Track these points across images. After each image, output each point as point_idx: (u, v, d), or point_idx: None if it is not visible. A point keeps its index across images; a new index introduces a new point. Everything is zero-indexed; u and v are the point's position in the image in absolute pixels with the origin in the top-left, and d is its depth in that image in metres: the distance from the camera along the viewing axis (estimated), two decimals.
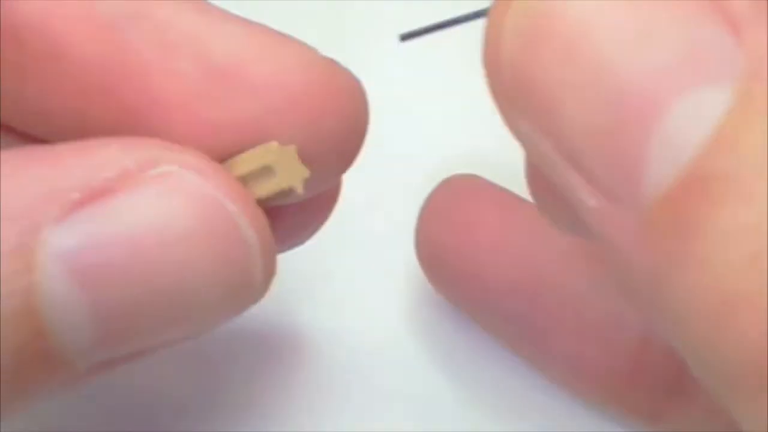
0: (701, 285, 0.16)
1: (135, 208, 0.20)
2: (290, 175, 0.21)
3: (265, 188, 0.21)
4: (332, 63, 0.22)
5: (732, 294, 0.16)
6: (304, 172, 0.21)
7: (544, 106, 0.17)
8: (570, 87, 0.17)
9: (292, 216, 0.24)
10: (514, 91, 0.18)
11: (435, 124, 0.32)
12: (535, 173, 0.21)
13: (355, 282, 0.32)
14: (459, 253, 0.25)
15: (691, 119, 0.16)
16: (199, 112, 0.21)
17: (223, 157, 0.22)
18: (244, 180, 0.21)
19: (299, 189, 0.21)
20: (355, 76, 0.23)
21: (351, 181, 0.25)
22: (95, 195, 0.20)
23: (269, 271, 0.21)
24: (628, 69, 0.16)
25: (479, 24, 0.19)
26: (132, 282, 0.20)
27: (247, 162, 0.21)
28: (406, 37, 0.21)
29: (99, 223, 0.20)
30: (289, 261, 0.25)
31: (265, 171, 0.21)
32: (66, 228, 0.19)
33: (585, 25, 0.17)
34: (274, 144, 0.21)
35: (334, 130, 0.22)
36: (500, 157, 0.26)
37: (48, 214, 0.19)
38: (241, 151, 0.22)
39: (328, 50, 0.23)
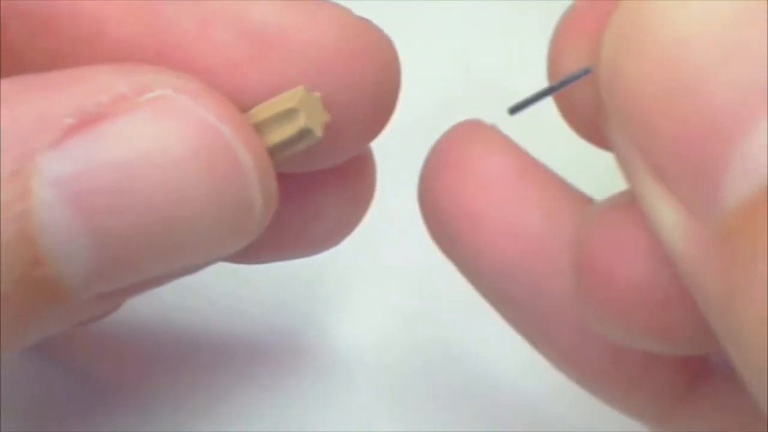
0: (760, 308, 0.16)
1: (129, 133, 0.20)
2: (311, 118, 0.21)
3: (287, 130, 0.21)
4: (366, 22, 0.22)
5: None
6: (325, 117, 0.21)
7: (635, 114, 0.18)
8: (663, 96, 0.17)
9: (331, 211, 0.25)
10: (608, 97, 0.18)
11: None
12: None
13: (354, 282, 0.32)
14: (463, 214, 0.24)
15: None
16: (241, 79, 0.21)
17: None
18: (268, 123, 0.21)
19: (318, 132, 0.21)
20: (387, 35, 0.23)
21: None
22: (89, 120, 0.20)
23: (268, 197, 0.21)
24: (720, 83, 0.17)
25: None
26: (128, 207, 0.20)
27: (272, 106, 0.21)
28: (515, 110, 0.21)
29: (93, 149, 0.19)
30: (288, 261, 0.26)
31: (289, 114, 0.21)
32: (60, 154, 0.19)
33: (682, 36, 0.17)
34: (300, 88, 0.21)
35: (370, 87, 0.22)
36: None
37: (41, 141, 0.19)
38: None
39: None
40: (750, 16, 0.17)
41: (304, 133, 0.21)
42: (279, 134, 0.21)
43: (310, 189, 0.24)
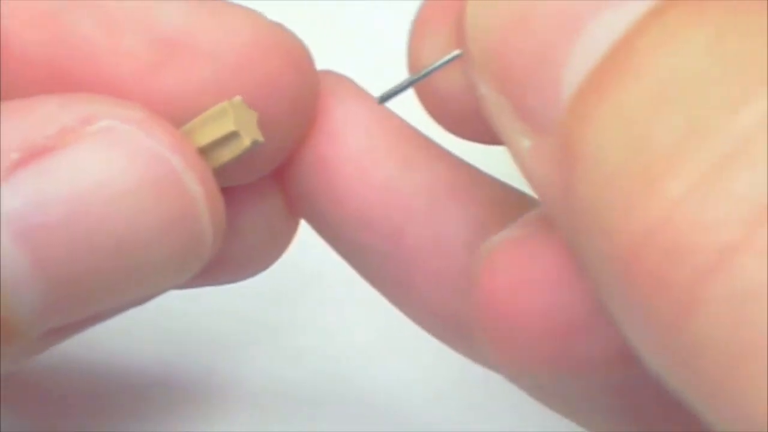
0: (586, 173, 0.16)
1: (76, 166, 0.19)
2: (246, 129, 0.21)
3: (231, 151, 0.21)
4: (277, 24, 0.22)
5: (606, 175, 0.16)
6: (254, 116, 0.21)
7: (495, 54, 0.18)
8: (513, 24, 0.18)
9: (252, 230, 0.24)
10: (475, 52, 0.18)
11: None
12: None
13: (353, 282, 0.31)
14: (319, 165, 0.23)
15: (604, 31, 0.17)
16: (153, 85, 0.21)
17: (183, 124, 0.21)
18: (210, 147, 0.21)
19: (259, 137, 0.21)
20: (299, 38, 0.22)
21: None
22: (35, 154, 0.19)
23: (217, 224, 0.21)
24: (548, 5, 0.17)
25: None
26: (78, 241, 0.19)
27: (205, 123, 0.21)
28: (384, 98, 0.22)
29: (40, 183, 0.19)
30: (287, 261, 0.25)
31: (230, 136, 0.21)
32: (7, 189, 0.19)
33: None
34: (226, 103, 0.21)
35: (284, 88, 0.22)
36: None
37: None
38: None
39: None
40: None
41: (247, 150, 0.21)
42: (224, 155, 0.21)
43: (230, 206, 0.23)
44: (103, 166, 0.19)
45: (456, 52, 0.20)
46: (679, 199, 0.15)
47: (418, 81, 0.21)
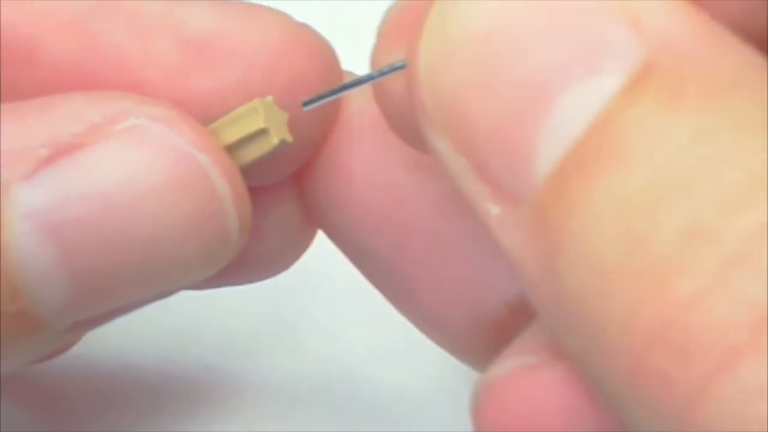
0: (576, 262, 0.16)
1: (104, 163, 0.19)
2: (276, 128, 0.21)
3: (260, 148, 0.21)
4: (305, 26, 0.22)
5: (603, 270, 0.16)
6: (284, 116, 0.21)
7: (451, 110, 0.18)
8: (476, 88, 0.17)
9: (276, 229, 0.24)
10: (431, 107, 0.18)
11: None
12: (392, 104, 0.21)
13: (354, 282, 0.31)
14: (327, 176, 0.24)
15: (577, 108, 0.17)
16: (182, 87, 0.21)
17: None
18: (238, 144, 0.21)
19: (288, 137, 0.21)
20: (325, 38, 0.23)
21: None
22: (63, 150, 0.19)
23: (243, 222, 0.21)
24: (524, 65, 0.17)
25: None
26: (104, 237, 0.19)
27: (235, 121, 0.21)
28: (308, 103, 0.21)
29: (68, 180, 0.19)
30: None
31: (259, 134, 0.21)
32: (35, 185, 0.19)
33: (488, 28, 0.17)
34: (257, 101, 0.21)
35: (313, 90, 0.22)
36: None
37: (16, 172, 0.19)
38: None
39: None
40: (541, 6, 0.17)
41: (275, 149, 0.21)
42: (251, 153, 0.21)
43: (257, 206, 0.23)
44: (131, 163, 0.20)
45: (399, 63, 0.20)
46: (688, 302, 0.15)
47: (349, 89, 0.21)
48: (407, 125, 0.20)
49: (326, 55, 0.22)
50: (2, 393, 0.29)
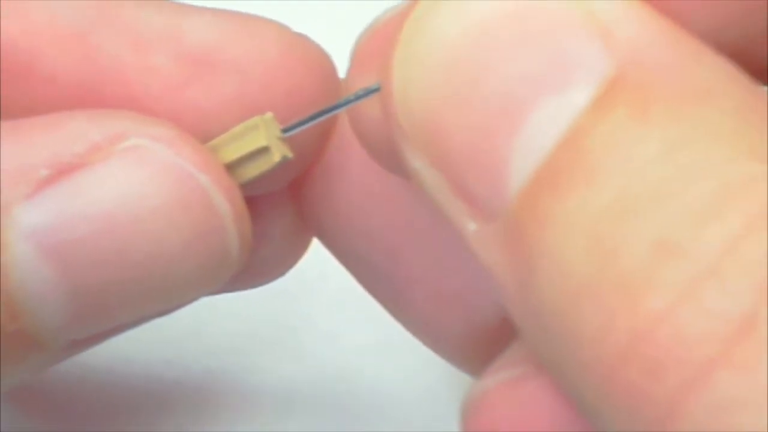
0: (549, 276, 0.16)
1: (105, 183, 0.19)
2: (276, 144, 0.21)
3: (261, 166, 0.21)
4: (303, 37, 0.22)
5: (575, 284, 0.16)
6: (280, 133, 0.21)
7: (430, 130, 0.18)
8: (449, 104, 0.17)
9: (276, 236, 0.24)
10: (406, 125, 0.18)
11: None
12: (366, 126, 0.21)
13: (354, 284, 0.31)
14: (323, 185, 0.24)
15: (548, 123, 0.17)
16: (181, 101, 0.21)
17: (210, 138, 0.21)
18: (239, 162, 0.21)
19: (288, 153, 0.21)
20: (324, 50, 0.23)
21: None
22: (64, 170, 0.19)
23: (244, 240, 0.21)
24: (495, 80, 0.17)
25: None
26: (104, 257, 0.19)
27: (235, 139, 0.21)
28: (288, 129, 0.21)
29: (69, 199, 0.19)
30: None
31: (260, 151, 0.21)
32: (36, 205, 0.19)
33: (458, 44, 0.17)
34: (257, 118, 0.21)
35: (311, 102, 0.22)
36: None
37: (17, 192, 0.19)
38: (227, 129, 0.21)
39: None
40: (510, 21, 0.17)
41: (276, 165, 0.21)
42: (252, 170, 0.21)
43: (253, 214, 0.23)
44: (132, 184, 0.20)
45: (372, 87, 0.20)
46: (659, 316, 0.15)
47: (326, 115, 0.21)
48: (384, 149, 0.20)
49: (324, 66, 0.22)
50: (2, 396, 0.29)
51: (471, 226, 0.18)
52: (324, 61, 0.22)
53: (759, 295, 0.15)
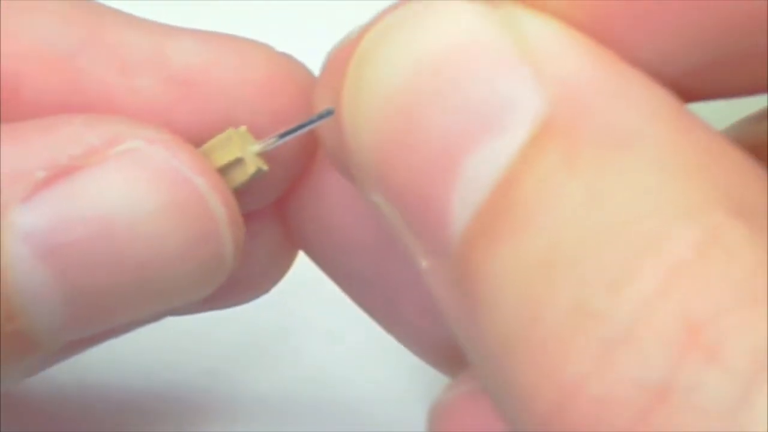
0: (487, 323, 0.16)
1: (101, 186, 0.20)
2: (251, 157, 0.21)
3: (238, 177, 0.21)
4: (288, 57, 0.22)
5: (509, 336, 0.16)
6: (257, 146, 0.21)
7: (379, 168, 0.18)
8: (393, 145, 0.17)
9: (260, 254, 0.24)
10: (358, 159, 0.18)
11: None
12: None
13: None
14: (308, 200, 0.24)
15: (483, 167, 0.16)
16: (168, 122, 0.21)
17: None
18: (222, 171, 0.21)
19: (263, 165, 0.21)
20: (308, 68, 0.23)
21: None
22: (61, 173, 0.19)
23: (237, 244, 0.21)
24: (433, 121, 0.17)
25: None
26: (101, 260, 0.20)
27: (215, 153, 0.21)
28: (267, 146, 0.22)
29: (65, 202, 0.19)
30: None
31: (236, 162, 0.21)
32: (32, 208, 0.19)
33: (395, 89, 0.17)
34: (230, 131, 0.21)
35: (296, 119, 0.22)
36: None
37: (13, 194, 0.19)
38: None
39: None
40: (445, 63, 0.17)
41: (252, 177, 0.21)
42: (231, 181, 0.21)
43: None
44: (128, 186, 0.20)
45: (326, 110, 0.20)
46: (580, 381, 0.15)
47: (285, 138, 0.21)
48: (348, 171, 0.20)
49: (309, 87, 0.22)
50: (1, 397, 0.29)
51: (423, 263, 0.18)
52: (308, 81, 0.22)
53: (675, 359, 0.15)
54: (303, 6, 0.34)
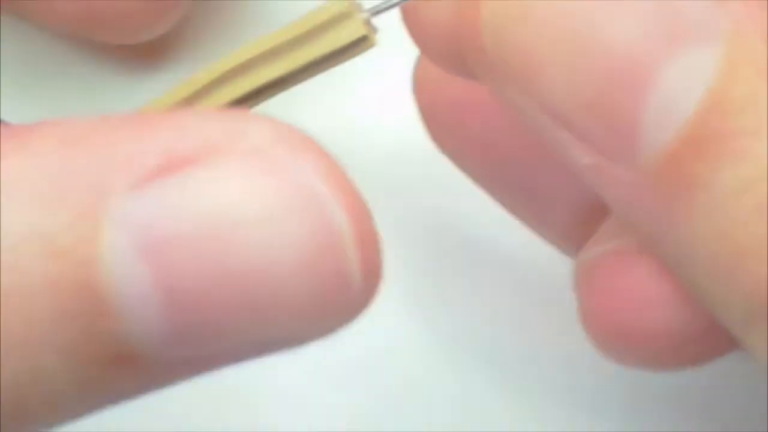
0: (710, 236, 0.17)
1: (216, 183, 0.18)
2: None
3: (339, 38, 0.20)
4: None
5: (739, 245, 0.17)
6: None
7: (529, 73, 0.18)
8: (554, 54, 0.18)
9: None
10: (496, 58, 0.18)
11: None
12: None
13: None
14: (461, 111, 0.24)
15: (683, 81, 0.17)
16: None
17: None
18: (315, 32, 0.20)
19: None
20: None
21: None
22: (174, 165, 0.18)
23: (370, 266, 0.18)
24: (613, 35, 0.17)
25: None
26: (207, 263, 0.18)
27: (317, 36, 0.20)
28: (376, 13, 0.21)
29: (174, 196, 0.18)
30: None
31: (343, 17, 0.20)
32: (139, 197, 0.18)
33: None
34: (341, 3, 0.20)
35: None
36: None
37: (120, 181, 0.18)
38: None
39: None
40: None
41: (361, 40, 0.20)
42: (335, 41, 0.20)
43: None
44: (245, 188, 0.18)
45: None
46: None
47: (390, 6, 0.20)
48: (444, 54, 0.20)
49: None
50: None
51: (583, 159, 0.18)
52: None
53: None
54: None
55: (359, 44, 0.20)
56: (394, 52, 0.23)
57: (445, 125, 0.25)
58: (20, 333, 0.17)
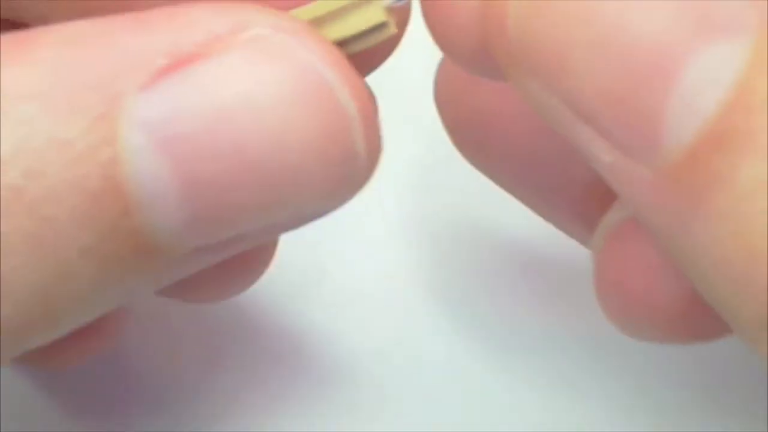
0: (725, 236, 0.17)
1: (225, 74, 0.18)
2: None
3: (369, 41, 0.20)
4: None
5: (754, 247, 0.16)
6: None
7: (553, 67, 0.18)
8: (580, 46, 0.17)
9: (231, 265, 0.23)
10: (521, 52, 0.18)
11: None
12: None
13: (354, 282, 0.31)
14: (483, 114, 0.24)
15: (708, 76, 0.16)
16: None
17: None
18: (334, 15, 0.20)
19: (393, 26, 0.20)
20: None
21: None
22: (183, 61, 0.18)
23: (373, 144, 0.19)
24: (639, 28, 0.17)
25: None
26: (222, 153, 0.18)
27: (339, 19, 0.20)
28: None
29: (186, 90, 0.18)
30: (289, 261, 0.26)
31: (354, 6, 0.20)
32: (151, 96, 0.18)
33: None
34: None
35: None
36: None
37: (132, 81, 0.18)
38: None
39: None
40: None
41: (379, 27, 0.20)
42: (355, 47, 0.20)
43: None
44: (253, 75, 0.18)
45: None
46: None
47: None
48: (466, 51, 0.20)
49: None
50: (2, 393, 0.29)
51: (604, 157, 0.18)
52: None
53: None
54: None
55: (379, 30, 0.20)
56: (414, 53, 0.23)
57: (467, 132, 0.25)
58: (46, 238, 0.18)
